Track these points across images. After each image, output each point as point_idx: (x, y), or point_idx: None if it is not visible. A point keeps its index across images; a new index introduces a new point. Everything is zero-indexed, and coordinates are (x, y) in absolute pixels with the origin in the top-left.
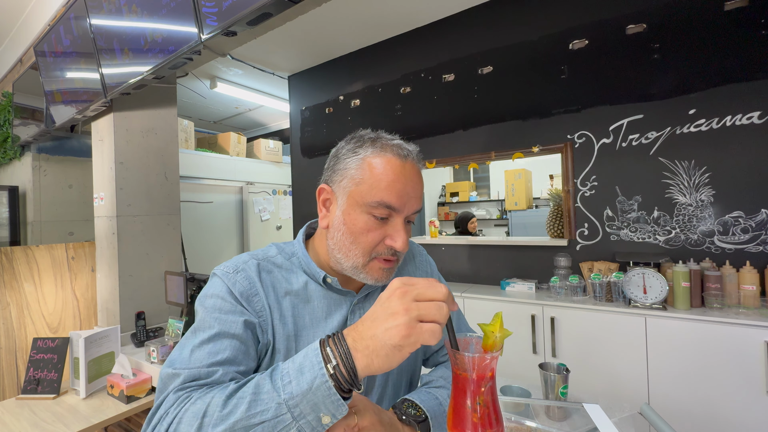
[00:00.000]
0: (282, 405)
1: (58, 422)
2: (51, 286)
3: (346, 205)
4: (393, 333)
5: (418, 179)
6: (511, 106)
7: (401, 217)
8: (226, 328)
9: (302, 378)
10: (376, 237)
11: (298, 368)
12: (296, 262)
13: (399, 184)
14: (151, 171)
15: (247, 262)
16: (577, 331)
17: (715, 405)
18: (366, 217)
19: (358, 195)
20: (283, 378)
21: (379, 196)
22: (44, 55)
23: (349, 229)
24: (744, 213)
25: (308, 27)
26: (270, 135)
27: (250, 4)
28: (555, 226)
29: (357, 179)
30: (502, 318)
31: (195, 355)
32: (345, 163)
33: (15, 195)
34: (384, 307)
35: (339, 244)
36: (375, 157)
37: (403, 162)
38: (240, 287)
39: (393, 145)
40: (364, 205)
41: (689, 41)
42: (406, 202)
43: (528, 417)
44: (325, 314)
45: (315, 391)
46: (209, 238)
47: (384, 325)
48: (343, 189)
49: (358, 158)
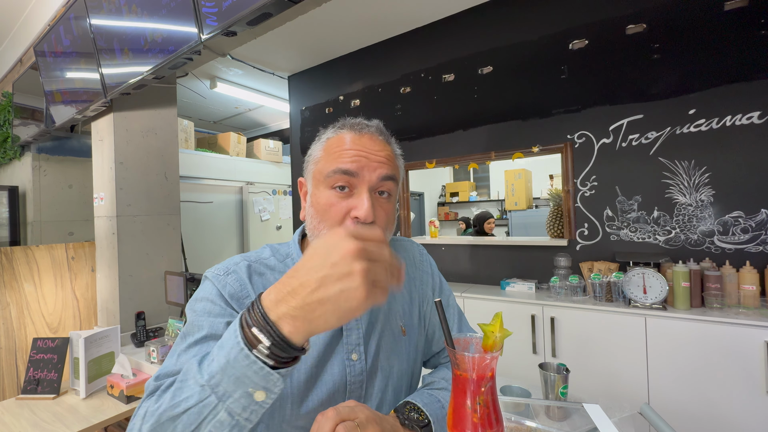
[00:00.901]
0: (205, 387)
1: (58, 422)
2: (51, 286)
3: (312, 187)
4: (351, 296)
5: (379, 147)
6: (511, 106)
7: (364, 186)
8: (215, 330)
9: (221, 353)
10: (340, 210)
11: (219, 344)
12: (290, 264)
13: (353, 150)
14: (151, 171)
15: (238, 263)
16: (577, 331)
17: (715, 405)
18: (328, 193)
19: (319, 173)
20: (209, 359)
21: (335, 164)
22: (44, 55)
23: (316, 208)
24: (744, 213)
25: (308, 27)
26: (270, 135)
27: (250, 4)
28: (555, 226)
29: (316, 158)
30: (502, 318)
31: (181, 359)
32: (311, 150)
33: (15, 195)
34: (334, 263)
35: (311, 228)
36: (333, 136)
37: (358, 134)
38: (230, 289)
39: (351, 123)
40: (324, 180)
41: (689, 41)
42: (363, 166)
43: (528, 417)
44: None
45: (233, 364)
46: (209, 238)
47: (338, 287)
48: (309, 173)
49: (320, 141)
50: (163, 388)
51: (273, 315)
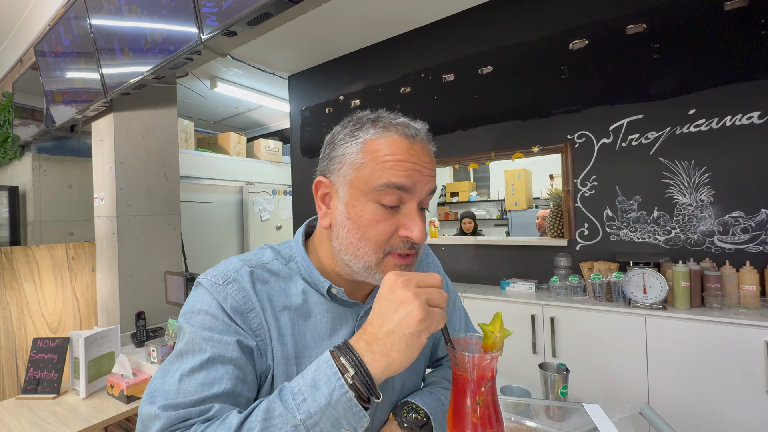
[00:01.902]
0: (299, 426)
1: (58, 422)
2: (51, 286)
3: (349, 196)
4: (409, 320)
5: (429, 157)
6: (511, 106)
7: (414, 202)
8: (221, 351)
9: (318, 393)
10: (388, 228)
11: (312, 384)
12: (294, 268)
13: (407, 162)
14: (151, 171)
15: (239, 270)
16: (577, 331)
17: (715, 405)
18: (374, 207)
19: (361, 181)
20: (296, 397)
21: (386, 177)
22: (44, 55)
23: (355, 223)
24: (744, 213)
25: (308, 27)
26: (270, 135)
27: (250, 4)
28: (555, 226)
29: (358, 164)
30: (502, 318)
31: (184, 386)
32: (343, 149)
33: (15, 195)
34: (389, 299)
35: (345, 243)
36: (378, 138)
37: (410, 142)
38: (232, 301)
39: (397, 124)
40: (370, 192)
41: (689, 41)
42: (417, 181)
43: (528, 417)
44: (330, 331)
45: (335, 405)
46: (209, 238)
47: (397, 316)
48: (344, 178)
49: (358, 142)
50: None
51: (357, 349)
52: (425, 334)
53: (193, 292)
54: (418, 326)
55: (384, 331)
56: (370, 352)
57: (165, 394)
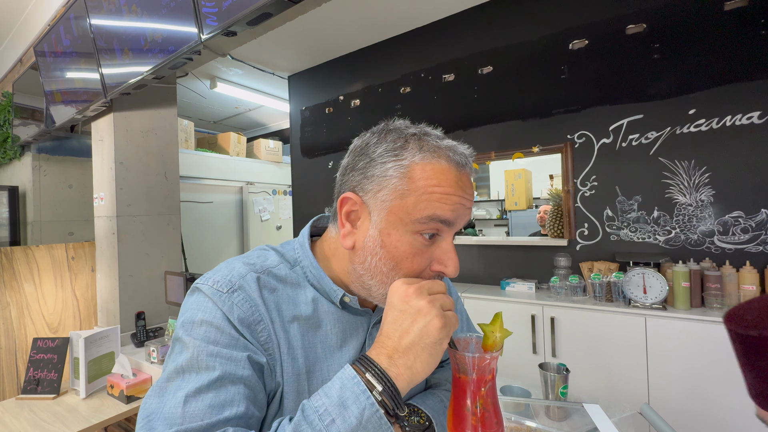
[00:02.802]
0: None
1: (58, 422)
2: (51, 286)
3: (384, 223)
4: (430, 329)
5: (472, 189)
6: (511, 106)
7: (452, 234)
8: (231, 369)
9: (347, 413)
10: (423, 263)
11: (339, 403)
12: (301, 273)
13: (455, 196)
14: (151, 171)
15: (244, 276)
16: (577, 331)
17: (715, 405)
18: (411, 239)
19: (403, 211)
20: (323, 418)
21: (431, 209)
22: (44, 55)
23: (390, 253)
24: (744, 213)
25: (308, 27)
26: (270, 135)
27: (250, 4)
28: (555, 226)
29: (401, 190)
30: (502, 318)
31: (191, 409)
32: (383, 169)
33: (15, 195)
34: (403, 310)
35: (374, 271)
36: (426, 165)
37: (460, 172)
38: (239, 312)
39: (447, 148)
40: (411, 223)
41: (689, 41)
42: (459, 215)
43: (528, 417)
44: (340, 342)
45: (365, 425)
46: (209, 238)
47: (416, 327)
48: (381, 202)
49: (403, 164)
50: None
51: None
52: (446, 341)
53: (191, 298)
54: (439, 334)
55: (405, 343)
56: (394, 366)
57: (167, 419)
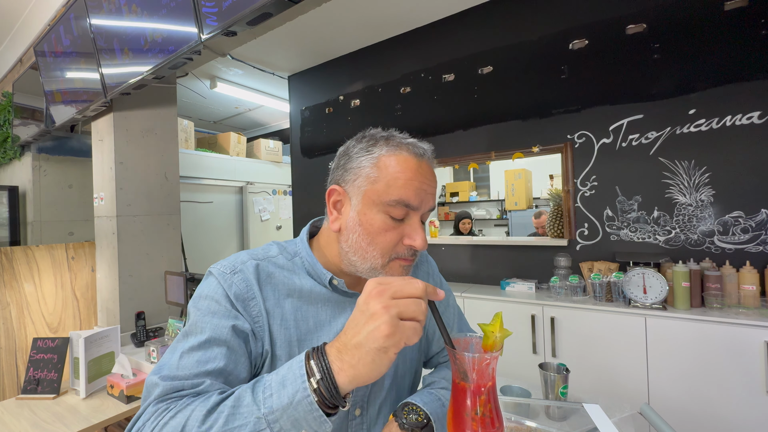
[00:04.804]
0: (261, 419)
1: (58, 422)
2: (51, 286)
3: (361, 205)
4: (376, 335)
5: (433, 177)
6: (511, 106)
7: (418, 216)
8: (218, 334)
9: (283, 391)
10: (394, 237)
11: (281, 381)
12: (299, 263)
13: (416, 181)
14: (151, 171)
15: (245, 262)
16: (577, 331)
17: (715, 405)
18: (383, 217)
19: (374, 194)
20: (265, 391)
21: (397, 194)
22: (44, 55)
23: (366, 229)
24: (744, 213)
25: (308, 27)
26: (270, 135)
27: (250, 4)
28: (555, 226)
29: (372, 177)
30: (502, 318)
31: (183, 362)
32: (358, 162)
33: (15, 195)
34: (362, 310)
35: (355, 246)
36: (391, 156)
37: (419, 160)
38: (236, 289)
39: (408, 144)
40: (381, 204)
41: (689, 41)
42: (423, 199)
43: (528, 417)
44: (330, 317)
45: (296, 406)
46: (209, 238)
47: (366, 329)
48: (358, 188)
49: (373, 156)
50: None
51: (329, 354)
52: (393, 350)
53: (204, 280)
54: (384, 342)
55: (353, 342)
56: (339, 360)
57: (168, 367)
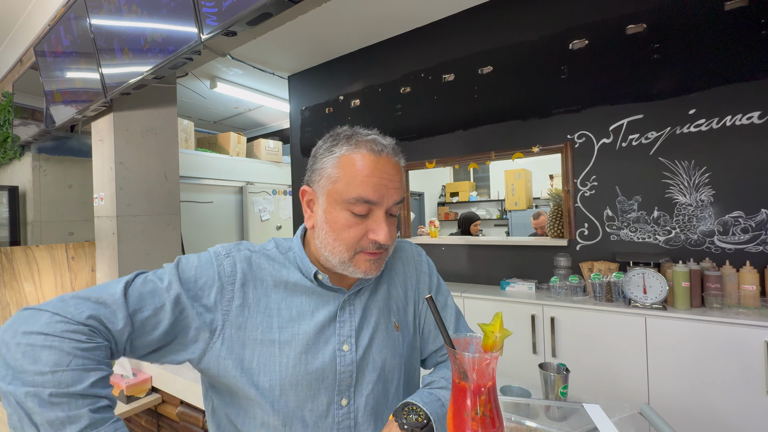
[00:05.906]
0: None
1: None
2: (51, 286)
3: (326, 204)
4: None
5: (395, 171)
6: (511, 106)
7: (381, 211)
8: (162, 292)
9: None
10: (358, 232)
11: None
12: (291, 257)
13: (374, 177)
14: (151, 171)
15: (240, 251)
16: (577, 331)
17: (715, 405)
18: (346, 214)
19: (336, 193)
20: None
21: (356, 192)
22: (44, 55)
23: (332, 226)
24: (744, 213)
25: (308, 27)
26: (270, 135)
27: (250, 4)
28: (555, 226)
29: (333, 177)
30: (502, 318)
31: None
32: (322, 163)
33: (15, 195)
34: None
35: (324, 242)
36: (349, 154)
37: (377, 157)
38: (221, 270)
39: (367, 141)
40: (343, 202)
41: (689, 41)
42: (383, 194)
43: (528, 417)
44: (312, 309)
45: None
46: (209, 238)
47: None
48: (322, 188)
49: (334, 157)
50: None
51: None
52: None
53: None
54: None
55: None
56: None
57: (105, 288)
